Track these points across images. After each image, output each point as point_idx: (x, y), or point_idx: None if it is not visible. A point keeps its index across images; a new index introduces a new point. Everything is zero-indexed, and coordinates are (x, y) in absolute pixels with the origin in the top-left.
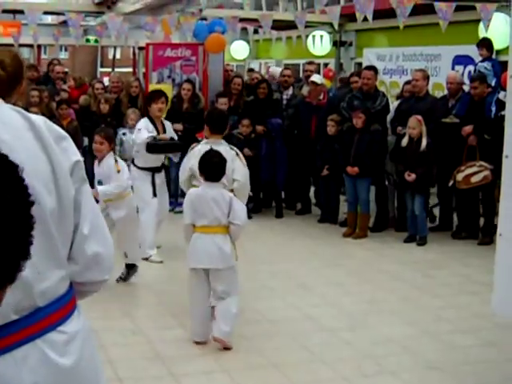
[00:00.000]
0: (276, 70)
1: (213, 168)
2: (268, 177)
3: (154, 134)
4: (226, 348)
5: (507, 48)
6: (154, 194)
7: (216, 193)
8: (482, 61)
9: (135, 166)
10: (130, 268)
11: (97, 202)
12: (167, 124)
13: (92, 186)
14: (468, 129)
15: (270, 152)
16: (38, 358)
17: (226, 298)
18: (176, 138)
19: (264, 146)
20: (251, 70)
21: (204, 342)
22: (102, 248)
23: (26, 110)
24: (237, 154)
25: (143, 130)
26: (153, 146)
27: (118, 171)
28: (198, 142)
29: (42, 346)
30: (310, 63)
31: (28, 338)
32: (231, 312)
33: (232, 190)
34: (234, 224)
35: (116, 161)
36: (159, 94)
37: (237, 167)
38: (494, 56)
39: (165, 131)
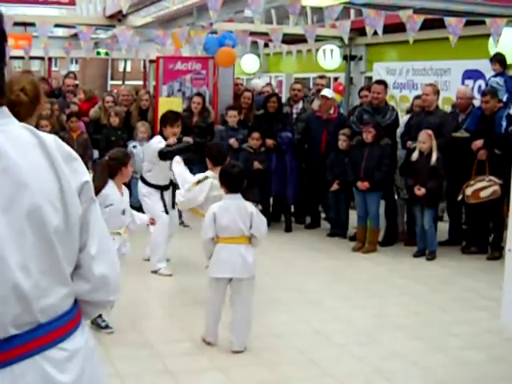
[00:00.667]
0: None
1: (234, 179)
2: (278, 191)
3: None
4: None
5: None
6: (166, 212)
7: (239, 204)
8: (494, 76)
9: (144, 182)
10: None
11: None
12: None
13: None
14: (478, 143)
15: (279, 166)
16: (37, 374)
17: (245, 308)
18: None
19: (274, 159)
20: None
21: (214, 343)
22: (109, 270)
23: (37, 124)
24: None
25: (154, 144)
26: (165, 153)
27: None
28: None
29: (41, 362)
30: (322, 77)
31: (27, 354)
32: (249, 322)
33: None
34: (255, 236)
35: None
36: (176, 118)
37: (256, 221)
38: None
39: None
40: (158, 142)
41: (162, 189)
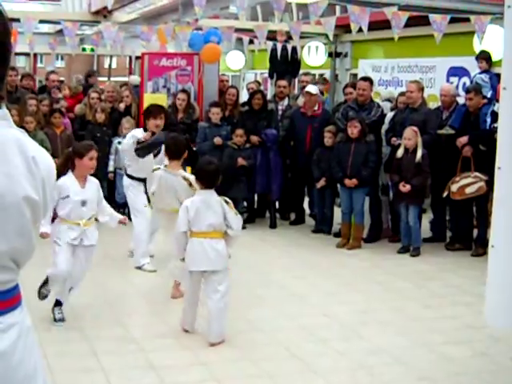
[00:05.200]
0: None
1: (209, 176)
2: (263, 187)
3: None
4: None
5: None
6: (148, 202)
7: (212, 200)
8: (480, 73)
9: (128, 175)
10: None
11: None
12: None
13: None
14: (463, 140)
15: (264, 163)
16: None
17: (221, 298)
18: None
19: (259, 156)
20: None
21: (191, 331)
22: None
23: (21, 120)
24: (226, 203)
25: (128, 139)
26: (140, 150)
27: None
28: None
29: None
30: (306, 74)
31: None
32: (225, 313)
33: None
34: (230, 232)
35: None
36: (159, 111)
37: (229, 217)
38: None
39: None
40: (130, 138)
41: (144, 182)
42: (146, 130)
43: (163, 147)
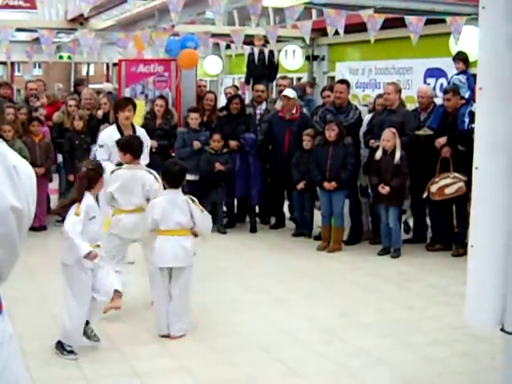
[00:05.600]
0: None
1: (174, 176)
2: (242, 192)
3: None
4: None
5: None
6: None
7: (178, 199)
8: (457, 74)
9: None
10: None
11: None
12: (139, 131)
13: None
14: (442, 140)
15: (243, 167)
16: None
17: (185, 293)
18: (148, 144)
19: (238, 161)
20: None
21: (167, 335)
22: None
23: None
24: (193, 201)
25: (103, 152)
26: None
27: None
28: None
29: None
30: (284, 78)
31: None
32: (188, 307)
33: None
34: (198, 230)
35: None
36: (126, 103)
37: (195, 215)
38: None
39: None
40: (99, 147)
41: None
42: (118, 125)
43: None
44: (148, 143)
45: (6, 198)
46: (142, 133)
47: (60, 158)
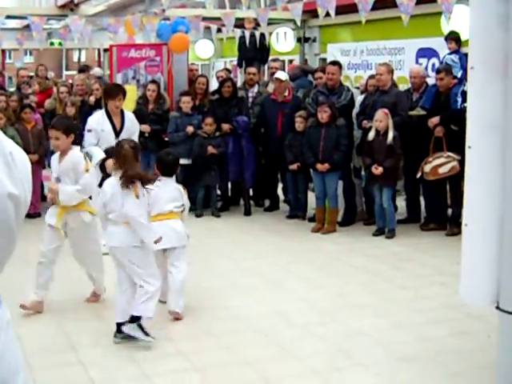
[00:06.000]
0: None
1: (167, 165)
2: (236, 175)
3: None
4: (178, 319)
5: None
6: None
7: (171, 186)
8: (449, 53)
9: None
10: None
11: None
12: (128, 117)
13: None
14: (435, 120)
15: (236, 150)
16: None
17: (180, 272)
18: (137, 129)
19: (231, 144)
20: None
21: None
22: None
23: None
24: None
25: (91, 137)
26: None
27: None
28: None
29: None
30: (275, 60)
31: None
32: (183, 285)
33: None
34: (184, 213)
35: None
36: (116, 92)
37: (185, 200)
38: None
39: (123, 125)
40: (88, 132)
41: None
42: (107, 110)
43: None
44: (137, 128)
45: (3, 185)
46: (130, 118)
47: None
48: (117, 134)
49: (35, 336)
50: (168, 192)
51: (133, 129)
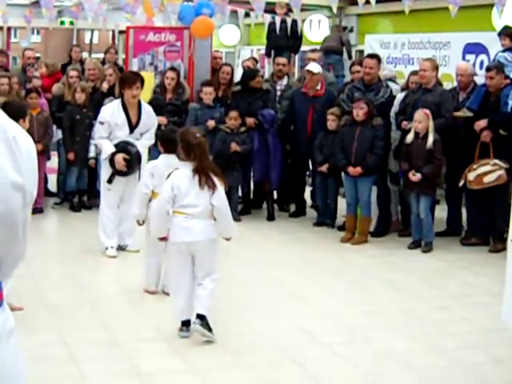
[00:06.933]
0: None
1: (170, 141)
2: (261, 175)
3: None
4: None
5: None
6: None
7: (174, 162)
8: (502, 51)
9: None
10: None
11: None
12: (146, 109)
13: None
14: (482, 123)
15: (262, 147)
16: None
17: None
18: (154, 124)
19: (256, 141)
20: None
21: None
22: None
23: None
24: None
25: (103, 130)
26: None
27: None
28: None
29: None
30: (314, 51)
31: None
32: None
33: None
34: None
35: None
36: (133, 79)
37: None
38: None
39: (139, 118)
40: (100, 124)
41: None
42: (123, 101)
43: None
44: (155, 123)
45: (5, 173)
46: (148, 111)
47: (60, 134)
48: (131, 128)
49: (34, 344)
50: (171, 169)
51: (149, 123)
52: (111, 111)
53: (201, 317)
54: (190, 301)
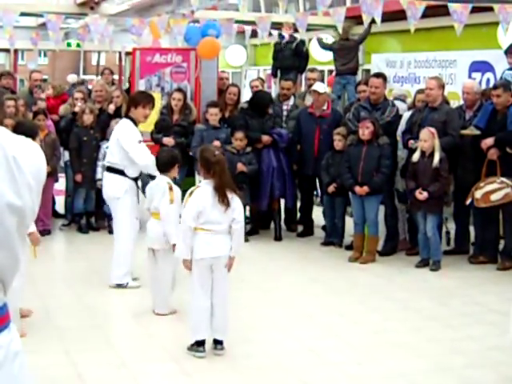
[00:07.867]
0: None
1: (161, 162)
2: (281, 191)
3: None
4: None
5: None
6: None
7: (161, 184)
8: (509, 69)
9: (126, 176)
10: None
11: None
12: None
13: None
14: (489, 141)
15: (279, 165)
16: None
17: (163, 275)
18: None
19: (273, 158)
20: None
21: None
22: None
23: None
24: (170, 189)
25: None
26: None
27: None
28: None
29: None
30: (313, 70)
31: None
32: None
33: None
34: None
35: None
36: (150, 99)
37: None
38: None
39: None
40: (139, 142)
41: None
42: (133, 121)
43: None
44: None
45: (1, 194)
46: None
47: (67, 155)
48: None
49: (42, 365)
50: (158, 190)
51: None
52: (131, 126)
53: (220, 342)
54: (207, 320)
